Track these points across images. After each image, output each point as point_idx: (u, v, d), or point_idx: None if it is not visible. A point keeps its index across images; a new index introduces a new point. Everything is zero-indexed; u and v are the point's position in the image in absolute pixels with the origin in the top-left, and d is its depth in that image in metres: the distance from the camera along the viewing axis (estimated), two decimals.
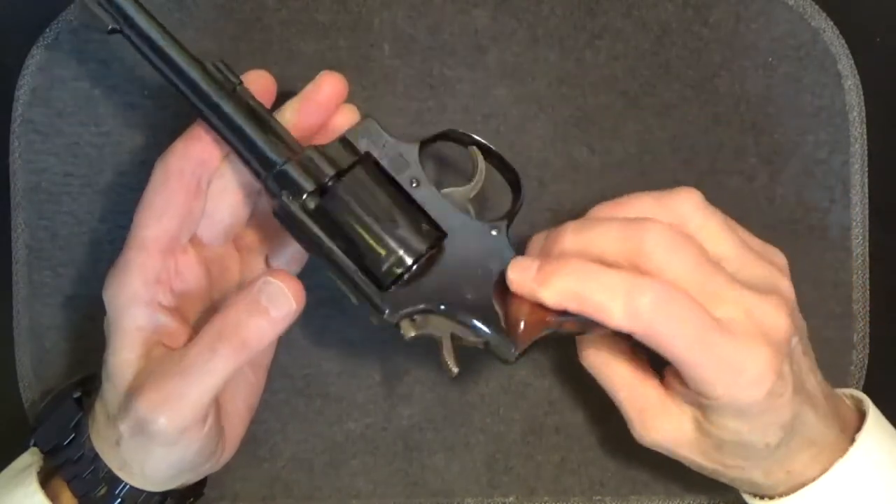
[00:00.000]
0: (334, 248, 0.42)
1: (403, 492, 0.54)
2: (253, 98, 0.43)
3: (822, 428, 0.43)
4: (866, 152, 0.52)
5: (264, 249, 0.48)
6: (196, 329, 0.43)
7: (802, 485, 0.44)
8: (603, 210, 0.44)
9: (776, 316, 0.40)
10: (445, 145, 0.46)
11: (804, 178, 0.52)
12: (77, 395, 0.47)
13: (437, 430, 0.53)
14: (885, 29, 0.53)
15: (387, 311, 0.42)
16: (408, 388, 0.53)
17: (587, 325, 0.42)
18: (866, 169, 0.52)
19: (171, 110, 0.51)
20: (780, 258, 0.45)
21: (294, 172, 0.42)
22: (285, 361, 0.53)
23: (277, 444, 0.53)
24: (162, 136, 0.51)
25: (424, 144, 0.44)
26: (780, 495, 0.44)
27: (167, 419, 0.40)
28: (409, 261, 0.42)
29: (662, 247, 0.39)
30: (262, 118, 0.42)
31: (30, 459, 0.47)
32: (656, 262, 0.39)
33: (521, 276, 0.42)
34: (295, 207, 0.42)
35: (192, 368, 0.40)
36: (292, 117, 0.44)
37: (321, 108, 0.44)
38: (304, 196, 0.42)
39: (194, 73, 0.42)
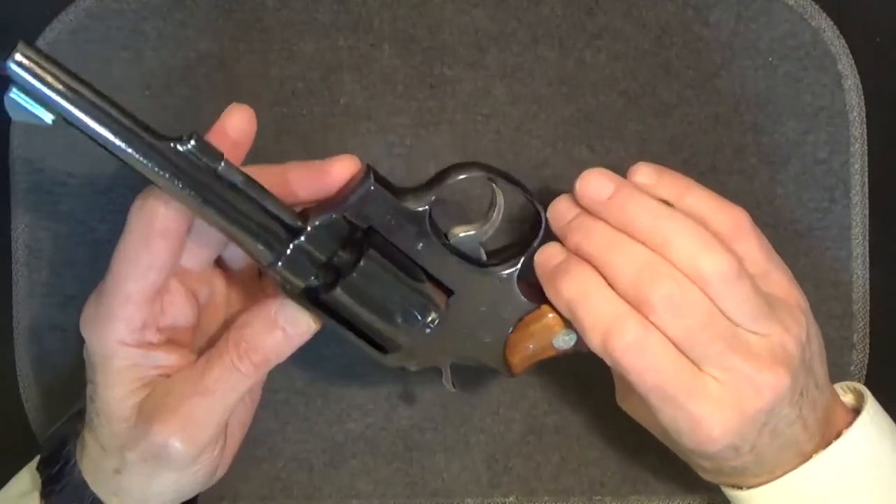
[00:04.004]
0: (335, 326, 0.41)
1: (403, 492, 0.54)
2: (239, 173, 0.37)
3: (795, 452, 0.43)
4: (866, 152, 0.52)
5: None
6: (196, 352, 0.43)
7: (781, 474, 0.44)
8: (666, 180, 0.43)
9: (757, 394, 0.40)
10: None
11: (804, 178, 0.52)
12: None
13: (437, 430, 0.53)
14: (885, 29, 0.53)
15: (389, 362, 0.44)
16: (408, 388, 0.53)
17: (581, 346, 0.43)
18: (866, 169, 0.52)
19: (172, 110, 0.51)
20: (802, 299, 0.44)
21: (287, 272, 0.39)
22: (285, 361, 0.52)
23: (277, 444, 0.53)
24: None
25: (434, 204, 0.41)
26: (759, 483, 0.44)
27: (184, 443, 0.41)
28: (409, 342, 0.43)
29: (666, 306, 0.39)
30: (251, 199, 0.38)
31: (29, 485, 0.46)
32: (656, 317, 0.39)
33: (545, 260, 0.43)
34: (293, 296, 0.40)
35: (215, 388, 0.41)
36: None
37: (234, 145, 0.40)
38: (301, 289, 0.40)
39: (168, 172, 0.36)
